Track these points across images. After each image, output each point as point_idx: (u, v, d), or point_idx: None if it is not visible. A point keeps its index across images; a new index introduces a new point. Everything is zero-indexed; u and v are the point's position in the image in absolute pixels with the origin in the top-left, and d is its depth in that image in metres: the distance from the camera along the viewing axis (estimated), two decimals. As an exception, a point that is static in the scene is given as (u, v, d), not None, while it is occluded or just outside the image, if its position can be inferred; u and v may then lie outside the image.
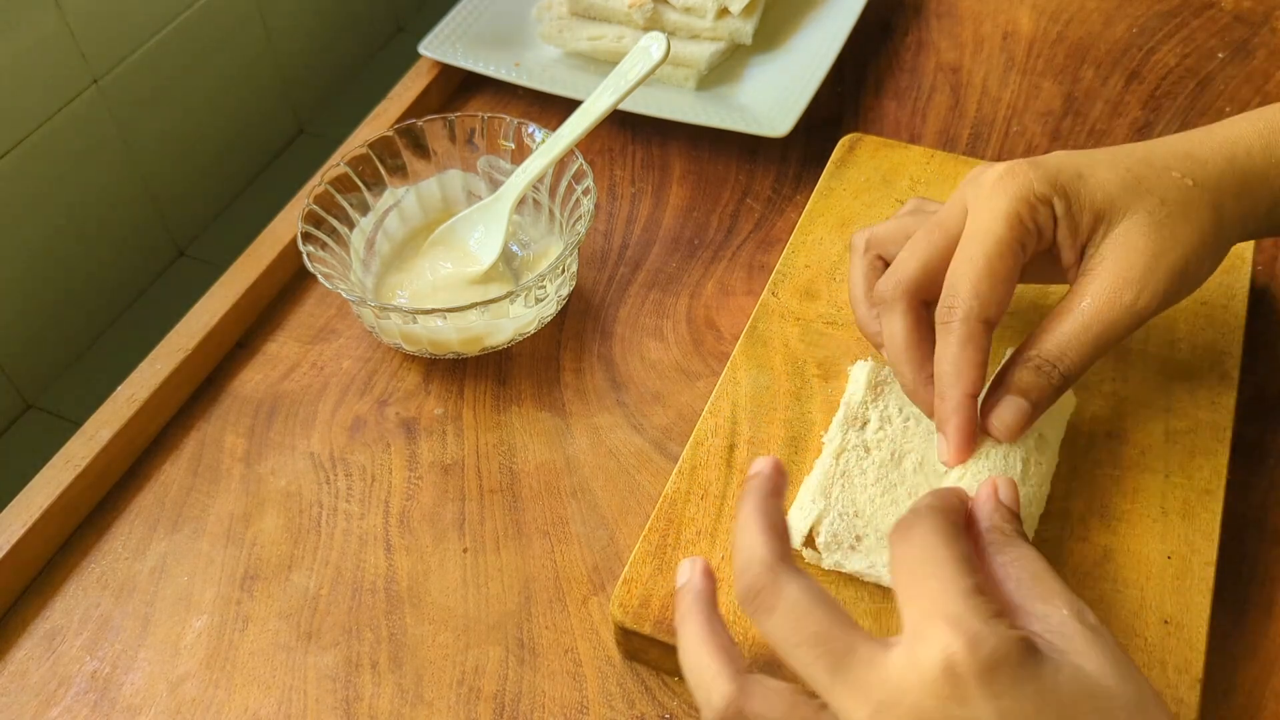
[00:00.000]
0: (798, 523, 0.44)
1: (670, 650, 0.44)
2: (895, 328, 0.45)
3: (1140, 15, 0.76)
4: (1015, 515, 0.39)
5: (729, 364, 0.53)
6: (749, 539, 0.36)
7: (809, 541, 0.44)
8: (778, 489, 0.38)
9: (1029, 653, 0.32)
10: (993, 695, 0.31)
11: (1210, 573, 0.44)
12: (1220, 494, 0.46)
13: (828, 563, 0.44)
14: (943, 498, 0.38)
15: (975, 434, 0.43)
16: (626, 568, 0.46)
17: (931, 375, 0.44)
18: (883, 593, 0.44)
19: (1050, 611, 0.35)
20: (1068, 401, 0.48)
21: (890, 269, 0.45)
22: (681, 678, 0.45)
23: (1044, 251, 0.44)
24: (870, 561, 0.43)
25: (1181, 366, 0.51)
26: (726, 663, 0.36)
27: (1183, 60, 0.72)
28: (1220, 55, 0.72)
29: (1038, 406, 0.43)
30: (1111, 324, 0.41)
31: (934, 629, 0.32)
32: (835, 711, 0.33)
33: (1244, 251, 0.55)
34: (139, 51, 0.69)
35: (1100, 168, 0.43)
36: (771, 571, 0.35)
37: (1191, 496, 0.46)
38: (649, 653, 0.45)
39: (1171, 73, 0.71)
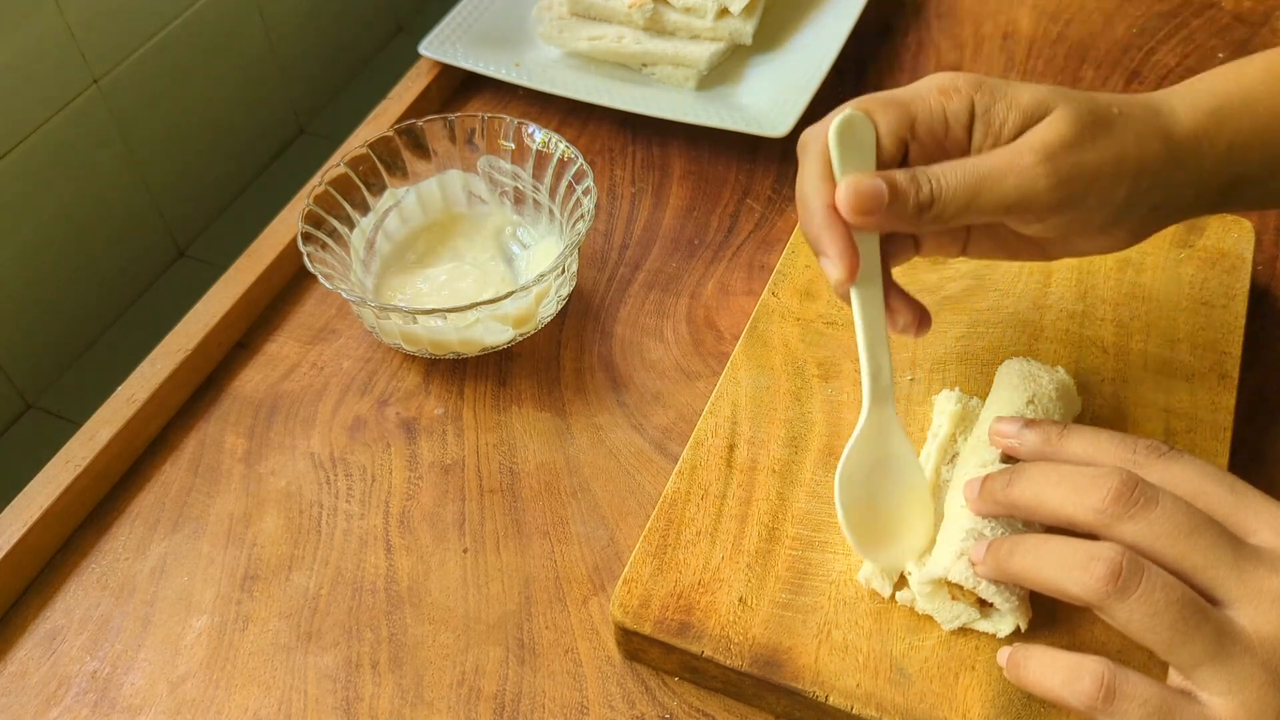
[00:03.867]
0: (937, 570, 0.42)
1: (670, 650, 0.44)
2: (812, 168, 0.42)
3: (1140, 15, 0.76)
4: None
5: (729, 364, 0.53)
6: (1085, 473, 0.38)
7: (900, 583, 0.44)
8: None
9: None
10: None
11: (1210, 573, 0.44)
12: (1220, 494, 0.46)
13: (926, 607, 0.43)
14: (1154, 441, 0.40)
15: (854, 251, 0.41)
16: (627, 568, 0.46)
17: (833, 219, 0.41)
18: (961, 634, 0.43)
19: None
20: (1073, 403, 0.48)
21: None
22: (682, 677, 0.45)
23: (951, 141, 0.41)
24: (957, 610, 0.43)
25: (1181, 366, 0.51)
26: (1085, 656, 0.37)
27: (1183, 60, 0.72)
28: (1220, 55, 0.72)
29: (895, 202, 0.40)
30: (998, 178, 0.39)
31: None
32: (1236, 597, 0.35)
33: (1244, 251, 0.55)
34: (139, 51, 0.69)
35: (1034, 87, 0.41)
36: (1135, 479, 0.37)
37: (1192, 496, 0.46)
38: (649, 653, 0.45)
39: (1171, 73, 0.71)
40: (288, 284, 0.62)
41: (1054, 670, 0.37)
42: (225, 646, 0.48)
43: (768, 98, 0.68)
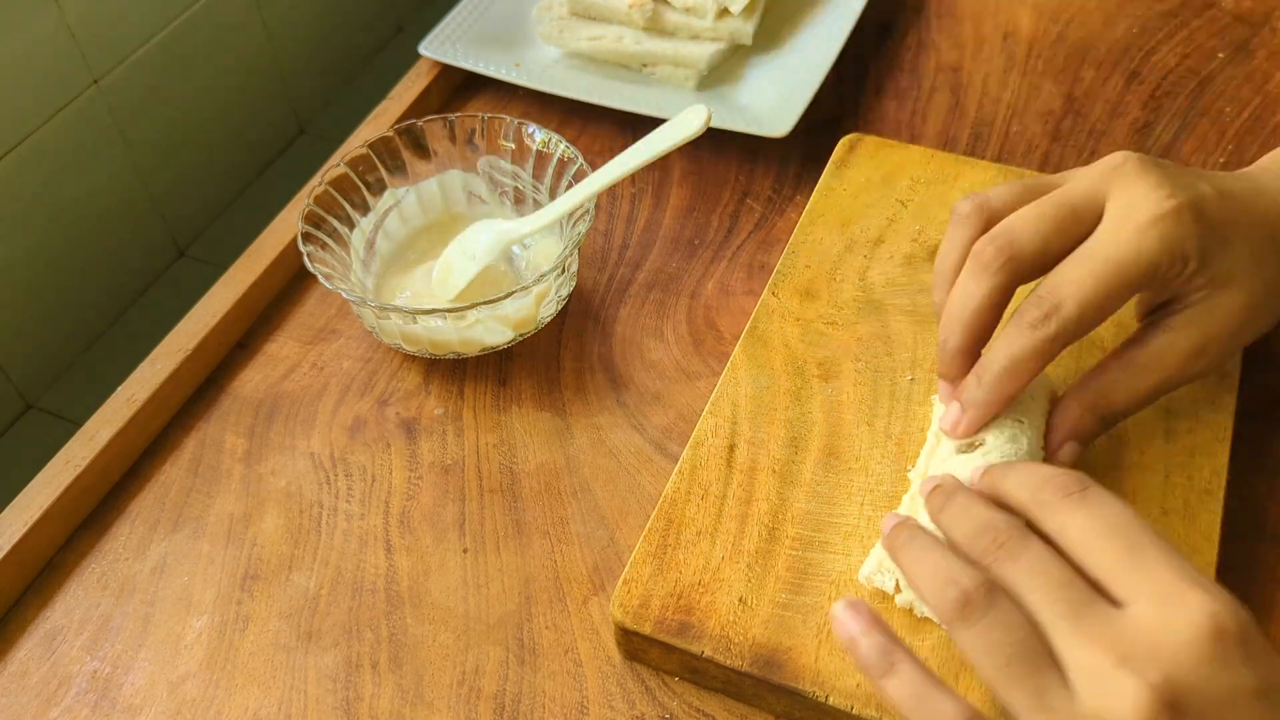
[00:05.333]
0: (865, 570, 0.43)
1: (670, 650, 0.44)
2: (979, 292, 0.42)
3: (1140, 15, 0.76)
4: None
5: (729, 364, 0.53)
6: (980, 508, 0.38)
7: (899, 587, 0.43)
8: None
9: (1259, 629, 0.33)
10: (1249, 659, 0.32)
11: (1210, 573, 0.44)
12: (1220, 494, 0.46)
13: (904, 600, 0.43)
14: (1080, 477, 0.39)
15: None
16: (627, 568, 0.46)
17: (979, 351, 0.43)
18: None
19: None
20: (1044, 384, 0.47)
21: (1001, 233, 0.42)
22: (682, 677, 0.45)
23: None
24: None
25: (1181, 366, 0.51)
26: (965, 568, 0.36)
27: (1183, 60, 0.72)
28: (1220, 55, 0.72)
29: (1087, 445, 0.44)
30: (1174, 384, 0.42)
31: (1189, 593, 0.33)
32: (1068, 663, 0.33)
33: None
34: (139, 51, 0.69)
35: (1239, 240, 0.41)
36: (1017, 528, 0.36)
37: (1191, 496, 0.46)
38: (649, 653, 0.45)
39: (1172, 73, 0.71)
40: (288, 284, 0.62)
41: (927, 568, 0.37)
42: (225, 646, 0.48)
43: (768, 98, 0.68)
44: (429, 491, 0.52)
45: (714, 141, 0.68)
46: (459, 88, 0.75)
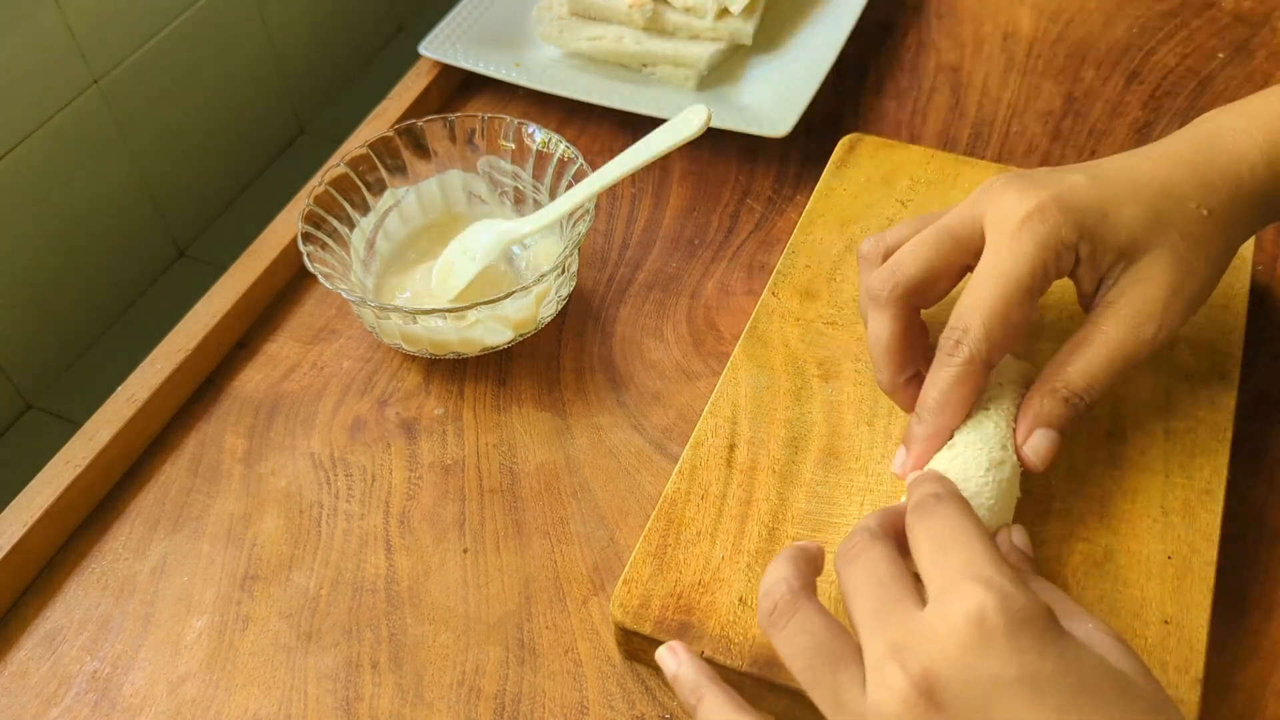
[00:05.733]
0: None
1: (670, 650, 0.44)
2: (883, 328, 0.45)
3: (1140, 15, 0.76)
4: (1032, 560, 0.41)
5: (729, 364, 0.53)
6: (778, 565, 0.39)
7: None
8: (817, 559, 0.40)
9: (1055, 621, 0.33)
10: (1017, 649, 0.32)
11: (1210, 573, 0.44)
12: (1220, 494, 0.46)
13: None
14: (944, 479, 0.40)
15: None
16: (627, 568, 0.46)
17: (912, 377, 0.45)
18: None
19: (1077, 624, 0.36)
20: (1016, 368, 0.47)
21: (887, 266, 0.45)
22: (682, 678, 0.45)
23: None
24: None
25: (1181, 366, 0.51)
26: (797, 574, 0.38)
27: (1183, 60, 0.72)
28: (1220, 55, 0.72)
29: (1064, 434, 0.43)
30: (1133, 355, 0.42)
31: (966, 585, 0.33)
32: (865, 660, 0.34)
33: (1244, 251, 0.55)
34: (139, 52, 0.69)
35: (1124, 204, 0.43)
36: (873, 536, 0.38)
37: (1191, 496, 0.46)
38: (649, 653, 0.45)
39: (1171, 73, 0.71)
40: (288, 284, 0.62)
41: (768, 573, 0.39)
42: (225, 646, 0.48)
43: (768, 98, 0.68)
44: (429, 491, 0.52)
45: (714, 141, 0.68)
46: (459, 88, 0.75)
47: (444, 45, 0.72)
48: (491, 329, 0.55)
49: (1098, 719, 0.32)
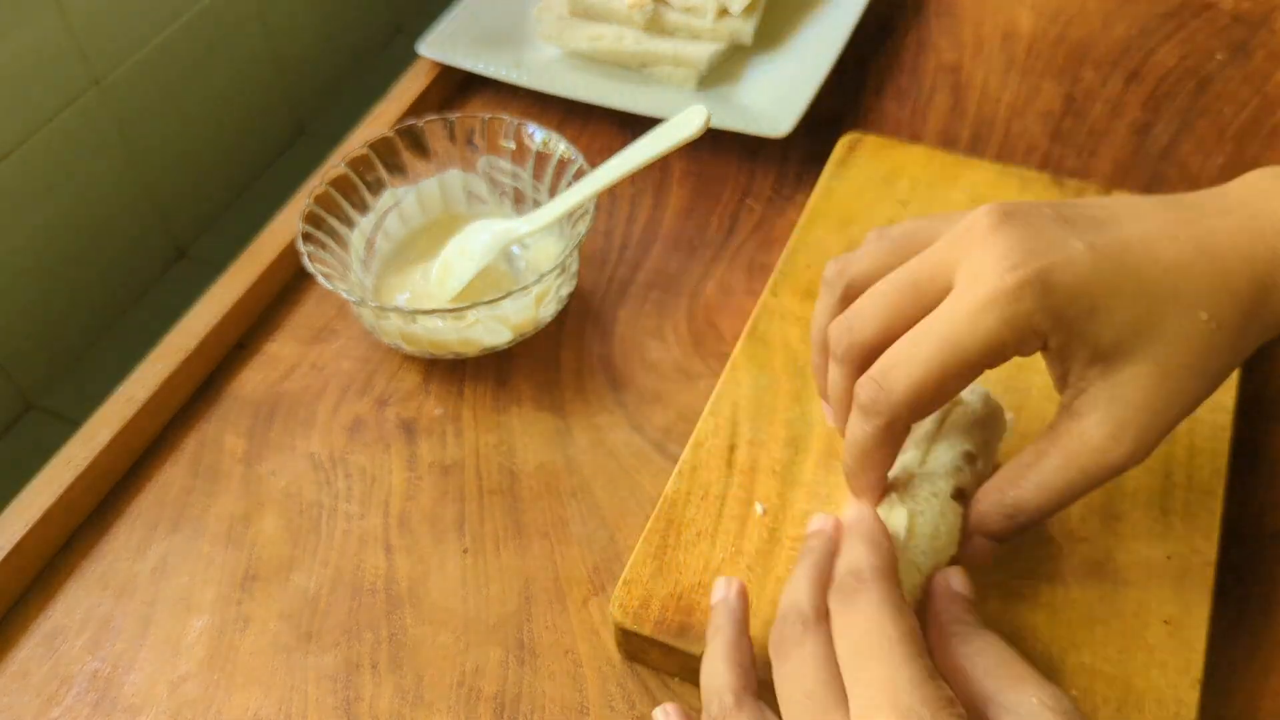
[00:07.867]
0: None
1: (670, 651, 0.44)
2: (840, 384, 0.41)
3: (1140, 16, 0.76)
4: (973, 604, 0.39)
5: (729, 364, 0.53)
6: (797, 595, 0.38)
7: None
8: (744, 621, 0.41)
9: None
10: None
11: (1210, 573, 0.44)
12: (1220, 494, 0.46)
13: None
14: (876, 542, 0.38)
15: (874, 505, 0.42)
16: (626, 569, 0.46)
17: None
18: None
19: (1020, 700, 0.35)
20: (997, 425, 0.45)
21: (845, 317, 0.40)
22: (682, 678, 0.45)
23: None
24: None
25: (1181, 367, 0.51)
26: (738, 678, 0.39)
27: (1182, 61, 0.72)
28: (1220, 56, 0.72)
29: (1004, 543, 0.41)
30: (1095, 479, 0.37)
31: (879, 717, 0.33)
32: None
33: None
34: (140, 52, 0.69)
35: (1121, 301, 0.36)
36: (805, 625, 0.37)
37: (1191, 496, 0.46)
38: (649, 654, 0.45)
39: (1171, 73, 0.71)
40: (288, 284, 0.62)
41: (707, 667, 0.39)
42: (225, 647, 0.48)
43: (768, 98, 0.68)
44: (429, 492, 0.52)
45: (714, 141, 0.68)
46: (459, 88, 0.75)
47: (443, 45, 0.72)
48: (491, 329, 0.55)
49: None
